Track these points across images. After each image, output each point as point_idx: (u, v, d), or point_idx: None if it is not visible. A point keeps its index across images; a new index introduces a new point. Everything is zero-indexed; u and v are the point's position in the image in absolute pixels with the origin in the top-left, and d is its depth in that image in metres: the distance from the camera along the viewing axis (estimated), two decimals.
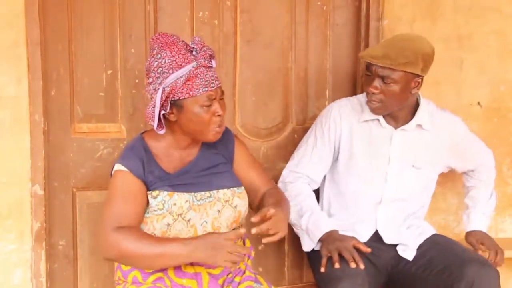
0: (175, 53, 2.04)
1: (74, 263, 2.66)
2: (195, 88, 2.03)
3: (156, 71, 2.04)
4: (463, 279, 2.30)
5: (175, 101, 2.05)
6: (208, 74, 2.05)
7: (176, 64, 2.02)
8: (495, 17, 3.02)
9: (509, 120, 3.11)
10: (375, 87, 2.38)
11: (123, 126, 2.67)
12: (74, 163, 2.63)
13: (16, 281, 2.52)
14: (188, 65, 2.02)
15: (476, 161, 2.72)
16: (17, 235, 2.50)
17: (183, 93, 2.03)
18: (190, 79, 2.02)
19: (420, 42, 2.40)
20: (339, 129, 2.56)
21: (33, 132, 2.49)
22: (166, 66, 2.03)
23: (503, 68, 3.07)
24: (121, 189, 2.07)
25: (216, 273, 2.13)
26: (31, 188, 2.50)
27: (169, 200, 2.07)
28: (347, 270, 2.31)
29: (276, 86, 2.87)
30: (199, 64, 2.03)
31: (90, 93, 2.62)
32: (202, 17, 2.73)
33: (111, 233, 2.00)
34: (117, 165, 2.10)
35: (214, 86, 2.06)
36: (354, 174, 2.54)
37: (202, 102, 2.05)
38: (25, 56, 2.45)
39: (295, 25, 2.86)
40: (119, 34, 2.62)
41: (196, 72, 2.03)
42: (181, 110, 2.06)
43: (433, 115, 2.56)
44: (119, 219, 2.02)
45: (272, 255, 2.91)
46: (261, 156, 2.86)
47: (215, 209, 2.13)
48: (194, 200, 2.10)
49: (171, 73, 2.02)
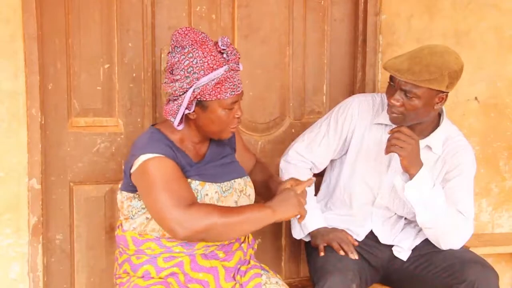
0: (206, 53, 2.02)
1: (71, 257, 2.66)
2: (223, 92, 2.04)
3: (186, 70, 2.02)
4: (464, 280, 2.29)
5: (201, 102, 2.05)
6: (235, 78, 2.07)
7: (208, 66, 2.01)
8: (493, 13, 3.02)
9: (506, 115, 3.12)
10: (397, 100, 2.28)
11: (120, 121, 2.67)
12: (71, 158, 2.63)
13: (13, 275, 2.52)
14: (221, 69, 2.02)
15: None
16: (14, 230, 2.50)
17: (211, 96, 2.03)
18: (220, 82, 2.03)
19: (448, 58, 2.27)
20: (353, 124, 2.52)
21: (30, 126, 2.48)
22: (198, 67, 2.01)
23: (501, 63, 3.08)
24: (168, 173, 2.00)
25: (231, 266, 2.14)
26: (28, 182, 2.50)
27: (201, 189, 2.09)
28: (338, 265, 2.32)
29: (273, 81, 2.87)
30: (230, 68, 2.04)
31: (87, 88, 2.61)
32: (199, 12, 2.72)
33: (188, 210, 1.94)
34: (143, 156, 2.02)
35: (239, 90, 2.08)
36: (357, 172, 2.52)
37: (227, 105, 2.06)
38: (22, 51, 2.44)
39: (292, 20, 2.86)
40: (116, 28, 2.62)
41: (227, 75, 2.04)
42: (205, 110, 2.07)
43: (448, 140, 2.46)
44: (180, 199, 1.96)
45: (270, 249, 2.92)
46: (258, 150, 2.86)
47: (232, 200, 2.16)
48: (221, 191, 2.13)
49: (203, 74, 2.01)
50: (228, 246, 2.16)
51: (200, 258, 2.11)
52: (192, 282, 2.09)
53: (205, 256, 2.11)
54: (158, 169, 2.00)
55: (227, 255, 2.15)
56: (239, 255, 2.18)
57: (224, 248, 2.15)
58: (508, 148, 3.14)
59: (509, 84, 3.10)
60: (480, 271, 2.30)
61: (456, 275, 2.32)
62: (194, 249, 2.11)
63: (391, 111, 2.34)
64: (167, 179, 1.99)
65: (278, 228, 2.93)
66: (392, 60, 2.34)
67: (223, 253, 2.15)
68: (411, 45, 2.90)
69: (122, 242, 2.16)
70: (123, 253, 2.18)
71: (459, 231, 2.43)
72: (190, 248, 2.10)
